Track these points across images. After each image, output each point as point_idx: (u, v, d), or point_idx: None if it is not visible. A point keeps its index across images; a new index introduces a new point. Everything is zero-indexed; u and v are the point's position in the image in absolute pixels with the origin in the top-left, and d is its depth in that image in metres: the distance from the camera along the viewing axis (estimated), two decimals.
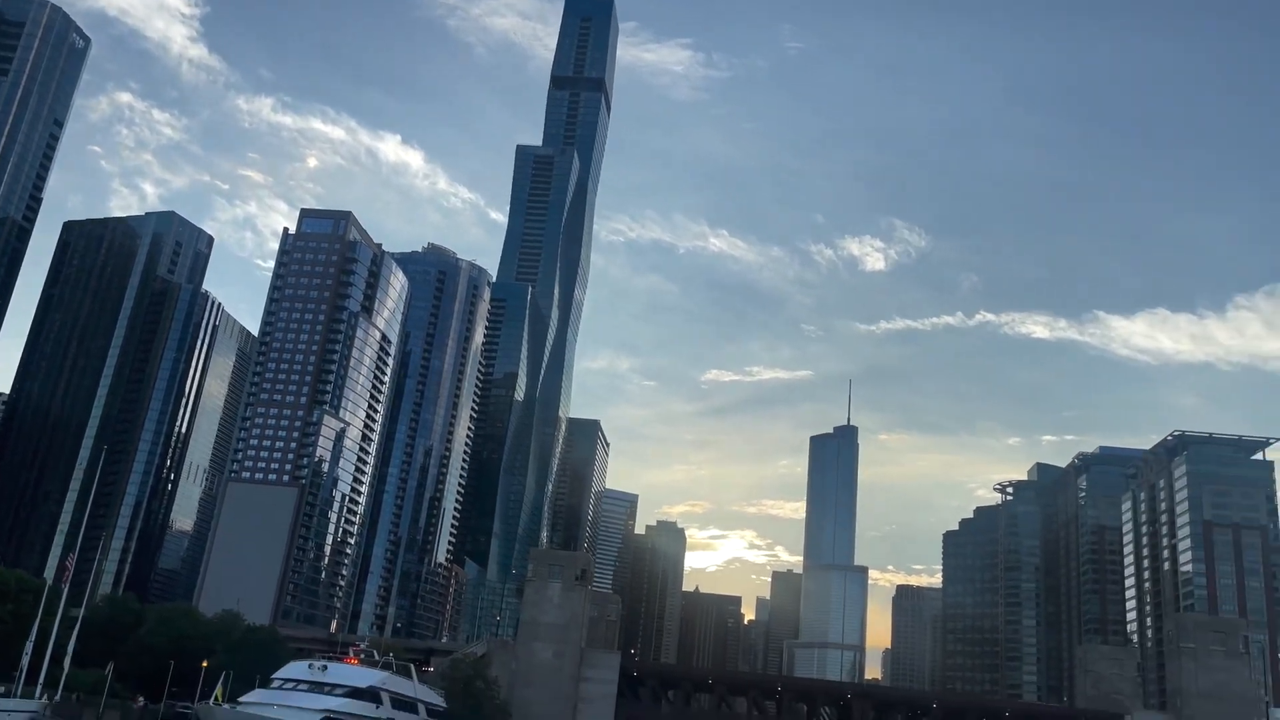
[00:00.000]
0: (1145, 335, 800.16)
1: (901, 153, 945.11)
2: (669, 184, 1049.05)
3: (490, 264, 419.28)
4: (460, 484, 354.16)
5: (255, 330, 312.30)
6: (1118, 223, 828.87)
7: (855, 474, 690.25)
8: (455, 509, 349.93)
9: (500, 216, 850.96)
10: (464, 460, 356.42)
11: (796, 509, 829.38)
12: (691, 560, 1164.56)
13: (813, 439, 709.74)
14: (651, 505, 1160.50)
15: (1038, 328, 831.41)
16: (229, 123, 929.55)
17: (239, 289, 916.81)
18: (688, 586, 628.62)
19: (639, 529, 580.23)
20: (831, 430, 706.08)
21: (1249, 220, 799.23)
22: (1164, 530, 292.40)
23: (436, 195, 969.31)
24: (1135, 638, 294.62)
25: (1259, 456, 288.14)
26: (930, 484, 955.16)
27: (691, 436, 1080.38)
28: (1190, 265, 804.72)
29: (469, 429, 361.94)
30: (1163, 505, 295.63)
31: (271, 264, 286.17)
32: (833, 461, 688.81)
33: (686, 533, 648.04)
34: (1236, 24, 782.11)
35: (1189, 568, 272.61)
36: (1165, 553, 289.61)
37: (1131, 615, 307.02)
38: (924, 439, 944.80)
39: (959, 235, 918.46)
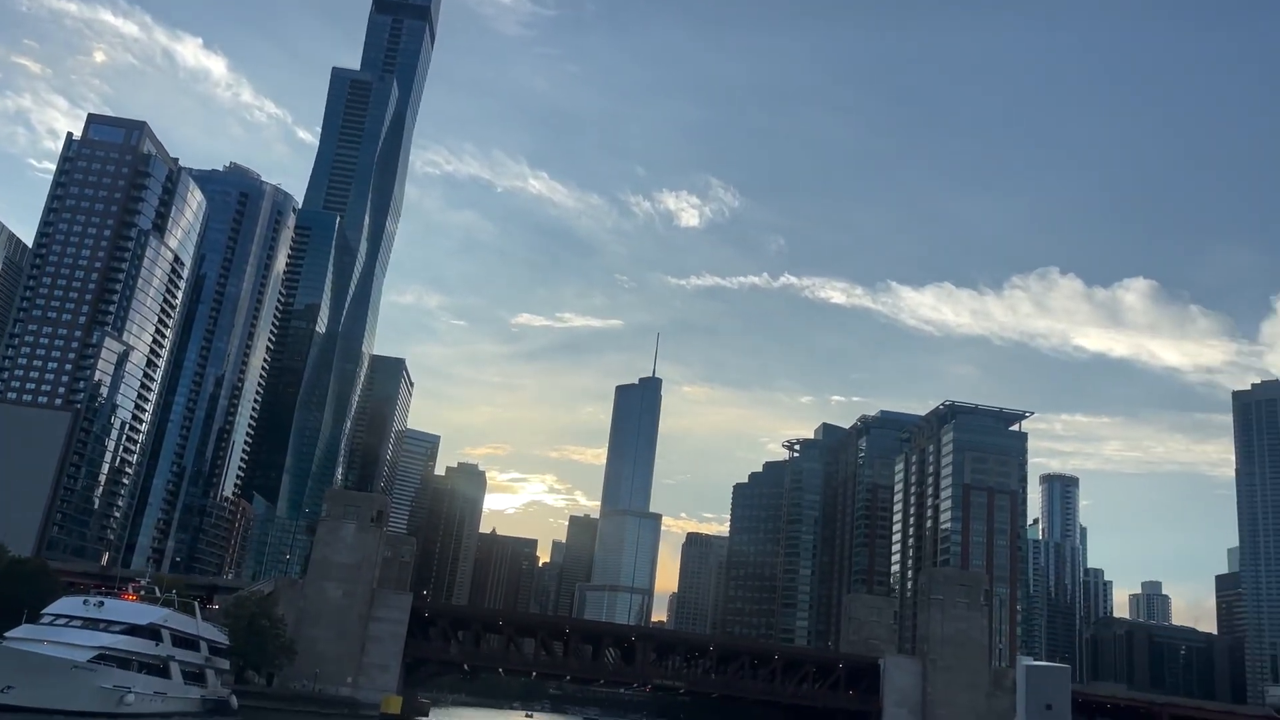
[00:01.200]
0: (931, 307, 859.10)
1: (722, 111, 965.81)
2: (491, 120, 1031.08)
3: (296, 186, 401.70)
4: (253, 417, 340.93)
5: (28, 239, 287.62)
6: (914, 199, 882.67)
7: (656, 424, 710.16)
8: (246, 442, 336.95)
9: (308, 136, 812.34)
10: (258, 392, 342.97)
11: (598, 455, 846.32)
12: (491, 502, 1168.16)
13: (618, 388, 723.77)
14: (454, 446, 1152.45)
15: (836, 293, 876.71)
16: (3, 4, 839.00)
17: (8, 190, 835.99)
18: (485, 529, 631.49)
19: (439, 470, 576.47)
20: (637, 381, 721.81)
21: (1029, 207, 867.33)
22: (930, 491, 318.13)
23: (239, 108, 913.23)
24: (897, 589, 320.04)
25: (1016, 428, 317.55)
26: (727, 436, 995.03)
27: (498, 379, 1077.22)
28: (975, 245, 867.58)
29: (265, 360, 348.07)
30: (930, 468, 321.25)
31: (47, 166, 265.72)
32: (635, 411, 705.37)
33: (487, 475, 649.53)
34: (1039, 18, 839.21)
35: (948, 526, 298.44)
36: (929, 512, 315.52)
37: (896, 568, 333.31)
38: (724, 393, 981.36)
39: (771, 198, 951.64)
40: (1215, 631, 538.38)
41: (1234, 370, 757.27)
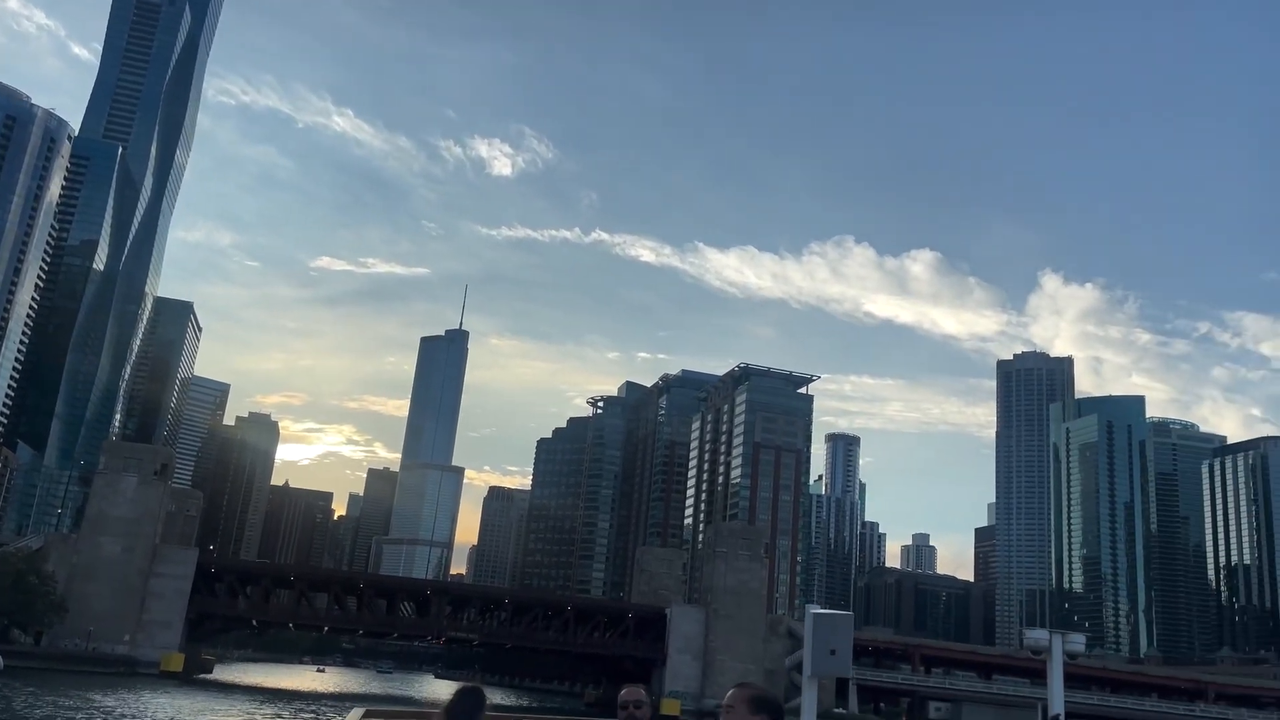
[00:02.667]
0: (735, 269, 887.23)
1: (539, 59, 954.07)
2: (293, 52, 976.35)
3: (71, 110, 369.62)
4: (18, 357, 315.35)
5: None
6: (724, 161, 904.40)
7: (462, 376, 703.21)
8: (10, 384, 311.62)
9: (85, 53, 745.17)
10: (25, 331, 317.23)
11: (400, 407, 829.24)
12: (284, 453, 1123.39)
13: (423, 340, 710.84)
14: (245, 395, 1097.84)
15: (646, 251, 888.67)
16: None
17: None
18: (278, 481, 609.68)
19: (229, 419, 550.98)
20: (443, 333, 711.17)
21: (830, 177, 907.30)
22: (723, 449, 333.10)
23: (5, 14, 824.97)
24: (690, 541, 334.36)
25: (804, 390, 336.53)
26: (535, 390, 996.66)
27: (295, 324, 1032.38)
28: (779, 210, 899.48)
29: (33, 298, 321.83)
30: (724, 427, 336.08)
31: None
32: (441, 363, 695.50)
33: (281, 425, 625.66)
34: None
35: (738, 482, 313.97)
36: (722, 468, 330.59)
37: (689, 521, 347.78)
38: (533, 346, 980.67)
39: (584, 152, 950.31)
40: (973, 579, 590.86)
41: (1003, 339, 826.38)
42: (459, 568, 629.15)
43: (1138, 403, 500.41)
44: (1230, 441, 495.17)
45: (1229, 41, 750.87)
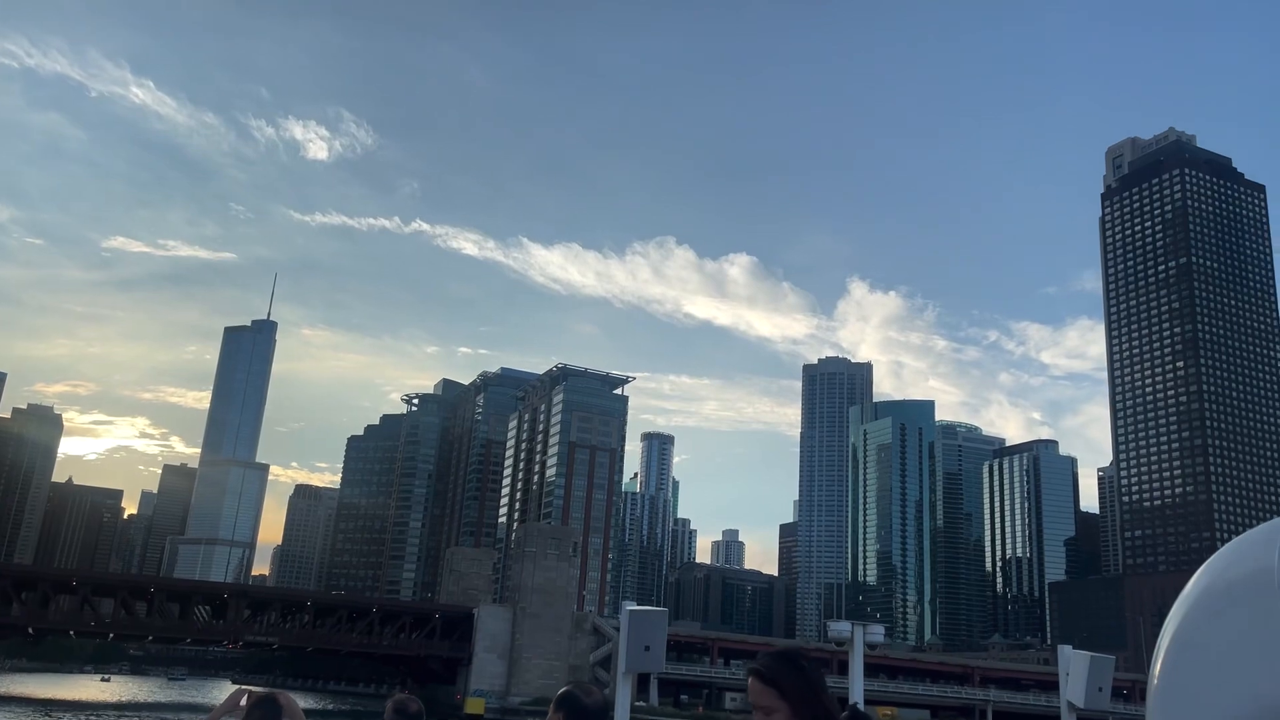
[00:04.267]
0: (560, 266, 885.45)
1: (361, 41, 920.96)
2: (85, 13, 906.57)
3: None
4: None
5: None
6: (552, 156, 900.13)
7: (269, 369, 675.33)
8: None
9: None
10: None
11: (200, 399, 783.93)
12: (69, 447, 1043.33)
13: (228, 330, 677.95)
14: (24, 384, 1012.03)
15: (469, 244, 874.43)
16: None
17: None
18: (60, 477, 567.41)
19: (4, 411, 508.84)
20: (250, 323, 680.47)
21: (656, 177, 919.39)
22: (539, 448, 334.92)
23: None
24: (504, 541, 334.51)
25: (619, 391, 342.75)
26: (348, 384, 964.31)
27: (83, 309, 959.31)
28: (604, 208, 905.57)
29: None
30: (541, 426, 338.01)
31: None
32: (247, 353, 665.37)
33: (65, 417, 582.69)
34: None
35: (553, 481, 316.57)
36: (537, 467, 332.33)
37: (503, 520, 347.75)
38: (347, 338, 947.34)
39: (407, 139, 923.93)
40: (777, 573, 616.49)
41: (814, 342, 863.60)
42: (262, 568, 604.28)
43: (928, 407, 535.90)
44: (1010, 444, 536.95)
45: (1033, 62, 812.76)
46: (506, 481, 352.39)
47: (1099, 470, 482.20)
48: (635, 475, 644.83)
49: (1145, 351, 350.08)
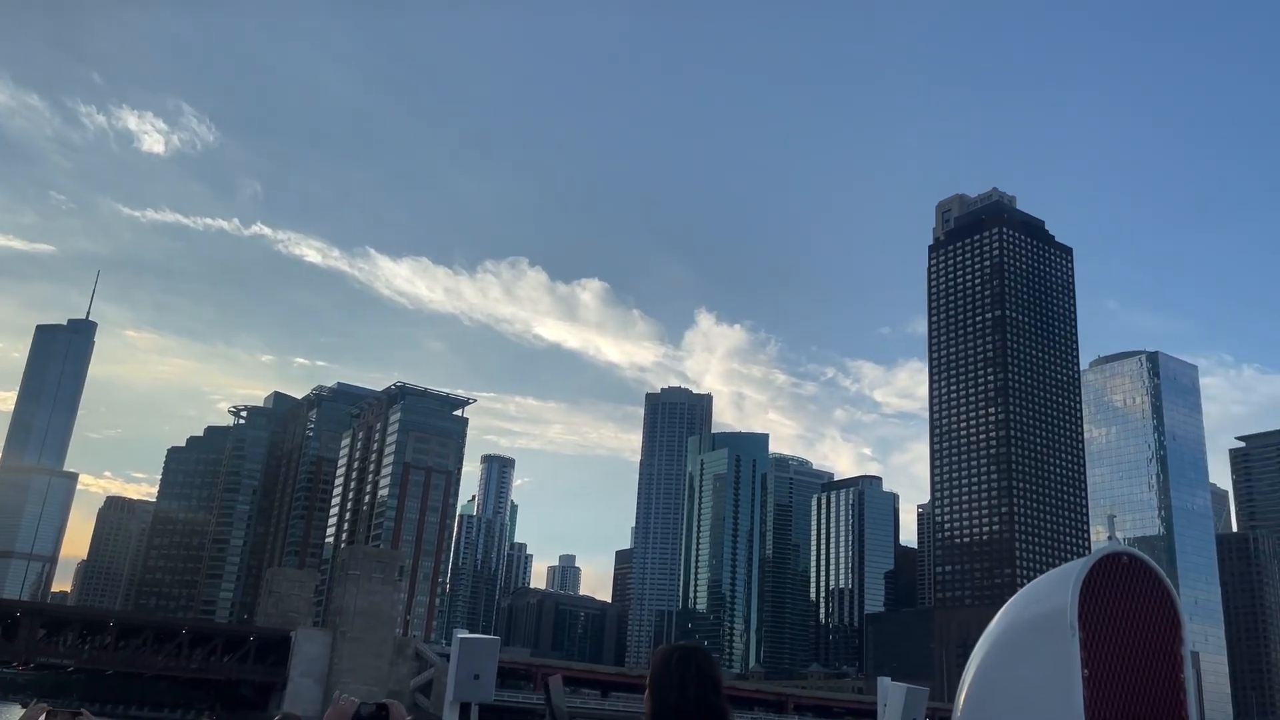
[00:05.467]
0: (407, 280, 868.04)
1: (208, 32, 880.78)
2: None
3: None
4: None
5: None
6: (406, 167, 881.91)
7: (85, 371, 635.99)
8: None
9: None
10: None
11: (4, 399, 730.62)
12: None
13: (40, 328, 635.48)
14: None
15: (312, 252, 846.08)
16: None
17: None
18: None
19: None
20: (66, 322, 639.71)
21: (512, 196, 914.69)
22: (372, 468, 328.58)
23: None
24: (331, 562, 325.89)
25: (459, 413, 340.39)
26: (172, 391, 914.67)
27: None
28: (457, 224, 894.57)
29: None
30: (375, 445, 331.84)
31: None
32: (60, 354, 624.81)
33: None
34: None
35: (385, 502, 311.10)
36: (369, 487, 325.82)
37: (331, 540, 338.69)
38: (175, 342, 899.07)
39: (252, 139, 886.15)
40: (610, 600, 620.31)
41: (660, 370, 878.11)
42: (63, 584, 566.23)
43: (763, 439, 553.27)
44: (838, 478, 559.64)
45: (880, 115, 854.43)
46: (336, 501, 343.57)
47: (919, 507, 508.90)
48: (473, 498, 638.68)
49: (962, 396, 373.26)
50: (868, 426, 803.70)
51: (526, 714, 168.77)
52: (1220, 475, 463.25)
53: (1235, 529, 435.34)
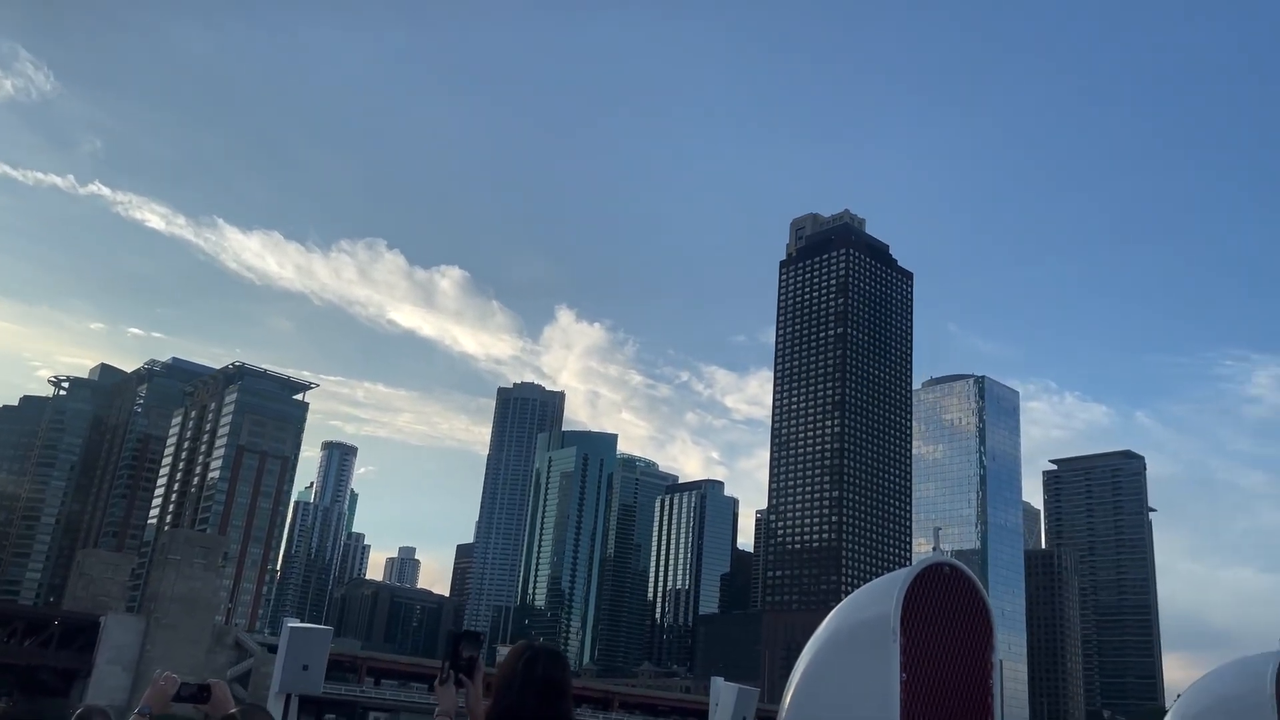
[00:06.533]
0: (256, 254, 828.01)
1: None
2: None
3: None
4: None
5: None
6: (260, 135, 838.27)
7: None
8: None
9: None
10: None
11: None
12: None
13: None
14: None
15: (154, 217, 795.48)
16: None
17: None
18: None
19: None
20: None
21: (372, 175, 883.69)
22: (204, 449, 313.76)
23: None
24: (153, 545, 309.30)
25: (300, 397, 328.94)
26: None
27: None
28: (314, 199, 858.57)
29: None
30: (209, 426, 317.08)
31: None
32: None
33: None
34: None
35: (215, 485, 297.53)
36: (199, 469, 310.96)
37: (154, 522, 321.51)
38: None
39: (95, 93, 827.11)
40: (448, 594, 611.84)
41: (516, 364, 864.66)
42: None
43: (611, 439, 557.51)
44: (684, 481, 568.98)
45: (749, 128, 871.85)
46: (162, 482, 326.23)
47: (758, 512, 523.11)
48: (311, 485, 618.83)
49: (803, 407, 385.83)
50: (717, 431, 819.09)
51: (349, 706, 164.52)
52: (1036, 495, 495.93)
53: (1044, 546, 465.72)
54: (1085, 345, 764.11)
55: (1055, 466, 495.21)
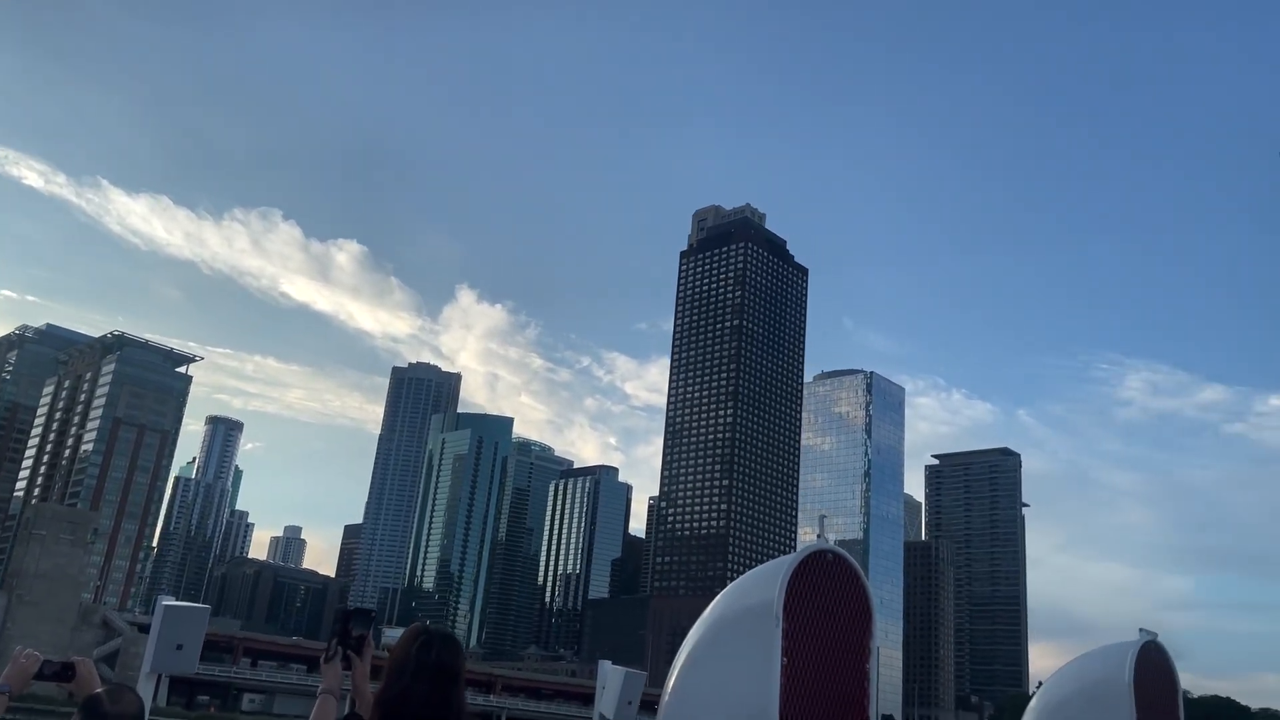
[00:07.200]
0: (143, 218, 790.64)
1: None
2: None
3: None
4: None
5: None
6: (150, 95, 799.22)
7: None
8: None
9: None
10: None
11: None
12: None
13: None
14: None
15: (32, 174, 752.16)
16: None
17: None
18: None
19: None
20: None
21: (270, 140, 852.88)
22: (77, 420, 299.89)
23: None
24: (18, 519, 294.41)
25: (184, 370, 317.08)
26: None
27: None
28: (206, 163, 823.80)
29: None
30: (84, 396, 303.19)
31: None
32: None
33: None
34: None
35: (88, 459, 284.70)
36: (71, 441, 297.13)
37: (20, 496, 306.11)
38: None
39: None
40: (334, 575, 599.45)
41: (413, 343, 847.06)
42: None
43: (507, 423, 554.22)
44: (579, 466, 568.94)
45: (657, 116, 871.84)
46: (31, 453, 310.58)
47: (650, 498, 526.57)
48: (194, 460, 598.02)
49: (698, 396, 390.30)
50: (616, 417, 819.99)
51: (223, 687, 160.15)
52: (921, 488, 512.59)
53: (924, 537, 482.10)
54: (974, 344, 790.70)
55: (937, 461, 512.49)
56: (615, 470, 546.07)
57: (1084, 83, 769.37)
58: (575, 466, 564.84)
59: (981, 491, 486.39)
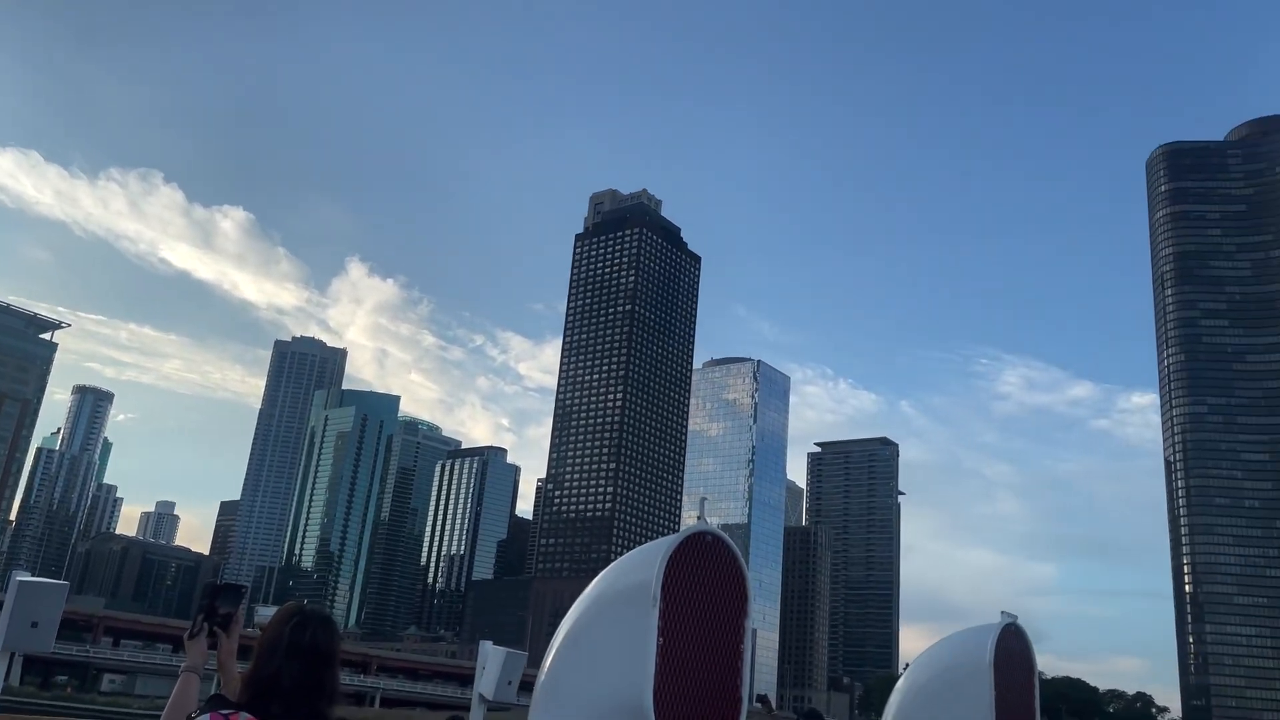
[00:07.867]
0: (9, 174, 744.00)
1: None
2: None
3: None
4: None
5: None
6: (22, 46, 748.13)
7: None
8: None
9: None
10: None
11: None
12: None
13: None
14: None
15: None
16: None
17: None
18: None
19: None
20: None
21: (155, 99, 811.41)
22: None
23: None
24: None
25: (49, 336, 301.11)
26: None
27: None
28: (79, 118, 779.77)
29: None
30: None
31: None
32: None
33: None
34: None
35: None
36: None
37: None
38: None
39: None
40: (208, 553, 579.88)
41: (300, 316, 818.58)
42: None
43: (394, 401, 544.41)
44: (467, 446, 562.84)
45: (557, 94, 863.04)
46: None
47: (539, 480, 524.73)
48: (59, 431, 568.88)
49: (588, 379, 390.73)
50: (509, 397, 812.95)
51: (82, 667, 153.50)
52: (804, 475, 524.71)
53: (804, 523, 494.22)
54: (861, 336, 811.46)
55: (819, 449, 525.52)
56: (504, 451, 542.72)
57: (961, 88, 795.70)
58: (464, 447, 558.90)
59: (860, 479, 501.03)
